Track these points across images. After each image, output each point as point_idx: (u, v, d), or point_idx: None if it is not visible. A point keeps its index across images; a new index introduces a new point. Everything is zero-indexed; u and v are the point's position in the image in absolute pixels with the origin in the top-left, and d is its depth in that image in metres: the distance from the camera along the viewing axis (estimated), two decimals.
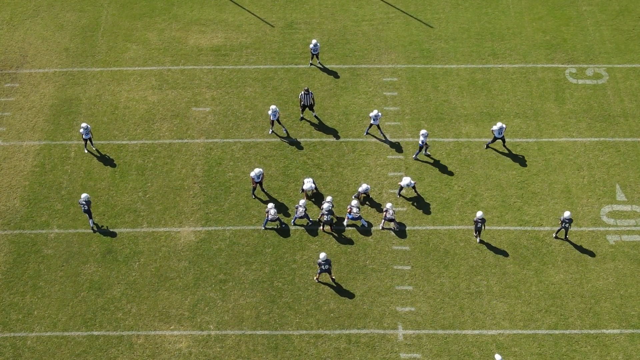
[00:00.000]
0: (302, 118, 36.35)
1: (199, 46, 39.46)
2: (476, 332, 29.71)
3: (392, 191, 33.68)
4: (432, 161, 34.53)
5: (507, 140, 35.38)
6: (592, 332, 29.62)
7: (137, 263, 31.71)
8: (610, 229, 32.47)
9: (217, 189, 33.95)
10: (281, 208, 33.25)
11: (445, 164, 34.64)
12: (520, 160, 34.72)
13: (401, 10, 41.29)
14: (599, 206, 33.14)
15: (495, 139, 34.35)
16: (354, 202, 31.94)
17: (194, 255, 31.93)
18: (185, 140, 35.61)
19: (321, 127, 36.07)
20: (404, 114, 36.47)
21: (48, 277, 31.36)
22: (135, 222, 32.88)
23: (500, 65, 38.42)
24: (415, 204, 33.28)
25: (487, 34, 39.84)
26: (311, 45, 37.48)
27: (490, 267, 31.42)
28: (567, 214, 31.09)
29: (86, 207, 31.98)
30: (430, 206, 33.27)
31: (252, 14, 41.18)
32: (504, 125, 34.18)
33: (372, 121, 34.79)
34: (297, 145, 35.46)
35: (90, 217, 32.29)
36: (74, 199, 33.60)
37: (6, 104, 37.12)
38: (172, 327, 29.92)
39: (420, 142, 33.99)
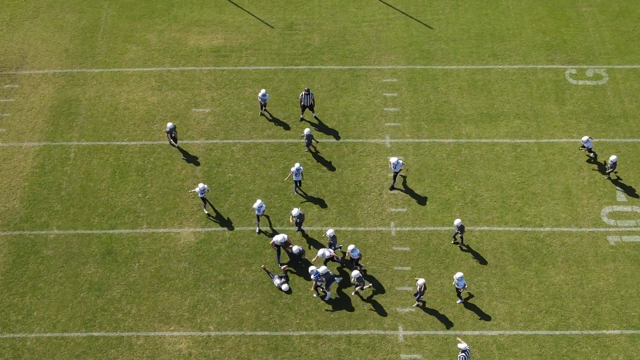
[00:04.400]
0: (302, 119, 36.34)
1: (199, 47, 39.45)
2: (476, 332, 29.67)
3: (392, 192, 33.66)
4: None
5: (507, 140, 35.40)
6: (592, 332, 29.58)
7: (137, 264, 31.67)
8: (610, 229, 32.44)
9: (217, 189, 33.92)
10: (280, 209, 33.23)
11: (446, 165, 34.62)
12: (521, 161, 34.69)
13: (401, 12, 41.29)
14: (599, 207, 33.12)
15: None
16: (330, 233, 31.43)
17: (194, 256, 31.89)
18: (185, 141, 35.57)
19: (321, 128, 36.05)
20: (404, 114, 36.46)
21: (48, 278, 31.32)
22: (135, 223, 32.85)
23: (500, 66, 38.42)
24: (412, 205, 33.30)
25: (487, 35, 39.84)
26: (260, 95, 35.53)
27: (490, 268, 31.39)
28: (457, 221, 31.10)
29: (173, 134, 34.67)
30: (431, 207, 33.24)
31: (252, 15, 41.18)
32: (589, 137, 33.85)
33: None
34: (297, 146, 35.43)
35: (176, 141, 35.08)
36: (73, 200, 33.57)
37: (6, 105, 37.10)
38: (172, 328, 29.88)
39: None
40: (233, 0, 41.96)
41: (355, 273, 29.96)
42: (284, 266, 31.22)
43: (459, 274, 29.47)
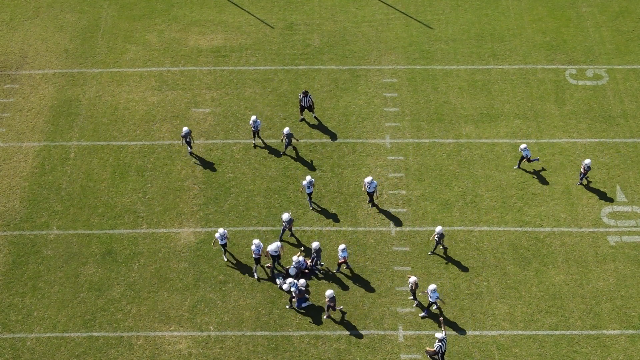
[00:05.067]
0: (302, 119, 36.34)
1: (199, 47, 39.46)
2: (476, 332, 29.67)
3: (392, 192, 33.66)
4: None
5: (507, 141, 35.41)
6: (592, 333, 29.58)
7: (137, 264, 31.67)
8: (610, 229, 32.44)
9: (216, 189, 33.92)
10: (279, 209, 33.23)
11: (446, 165, 34.62)
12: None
13: (401, 12, 41.29)
14: (599, 207, 33.12)
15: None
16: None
17: (194, 256, 31.89)
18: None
19: (321, 128, 36.06)
20: (404, 115, 36.46)
21: (48, 278, 31.32)
22: (135, 223, 32.85)
23: (500, 67, 38.42)
24: (410, 207, 33.31)
25: (487, 35, 39.85)
26: (250, 122, 34.54)
27: (490, 268, 31.39)
28: (438, 228, 30.76)
29: (188, 139, 34.23)
30: (431, 207, 33.24)
31: (252, 15, 41.19)
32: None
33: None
34: (297, 146, 35.42)
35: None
36: (73, 200, 33.57)
37: (6, 105, 37.10)
38: (172, 328, 29.88)
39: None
40: (233, 0, 41.97)
41: (329, 292, 29.28)
42: (286, 268, 31.26)
43: (432, 286, 29.16)
